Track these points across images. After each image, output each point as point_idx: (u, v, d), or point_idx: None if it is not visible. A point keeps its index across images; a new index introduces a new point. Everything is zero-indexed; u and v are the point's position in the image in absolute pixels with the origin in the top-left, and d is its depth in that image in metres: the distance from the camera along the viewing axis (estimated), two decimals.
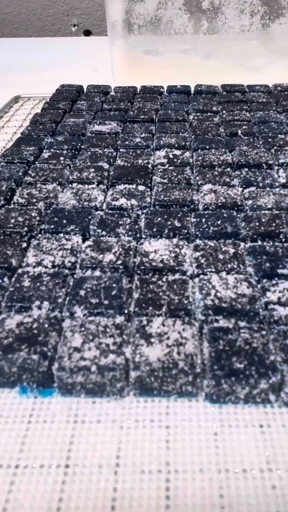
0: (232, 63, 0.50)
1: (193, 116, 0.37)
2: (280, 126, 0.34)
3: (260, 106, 0.38)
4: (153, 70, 0.50)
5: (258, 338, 0.16)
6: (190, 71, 0.49)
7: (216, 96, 0.41)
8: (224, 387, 0.15)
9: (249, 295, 0.18)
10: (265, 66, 0.50)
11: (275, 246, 0.21)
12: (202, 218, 0.23)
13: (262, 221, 0.23)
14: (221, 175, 0.27)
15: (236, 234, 0.22)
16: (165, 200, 0.25)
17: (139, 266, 0.20)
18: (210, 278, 0.19)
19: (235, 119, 0.36)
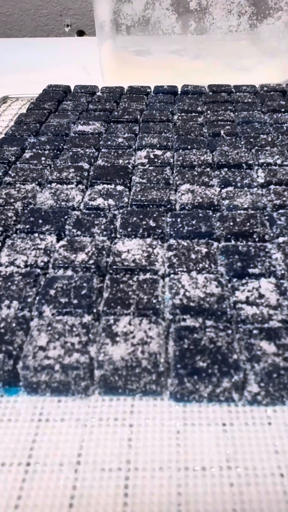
0: (220, 63, 0.50)
1: (178, 116, 0.37)
2: (263, 126, 0.34)
3: (245, 107, 0.38)
4: (142, 70, 0.50)
5: (224, 337, 0.16)
6: (179, 72, 0.49)
7: (202, 96, 0.41)
8: (187, 386, 0.15)
9: (217, 295, 0.18)
10: (254, 67, 0.50)
11: (248, 246, 0.21)
12: (178, 218, 0.23)
13: (237, 221, 0.23)
14: (200, 175, 0.27)
15: (210, 234, 0.22)
16: (142, 200, 0.25)
17: (111, 266, 0.20)
18: (180, 277, 0.19)
19: (219, 119, 0.36)
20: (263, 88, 0.43)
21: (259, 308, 0.18)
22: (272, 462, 0.14)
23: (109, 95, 0.41)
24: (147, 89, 0.43)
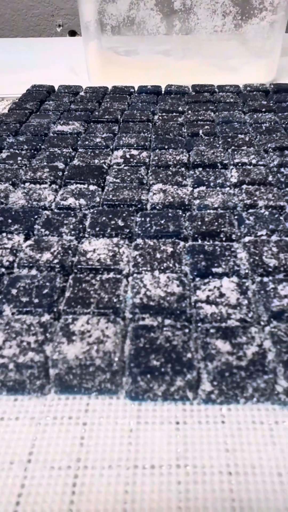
0: (207, 63, 0.50)
1: (158, 116, 0.37)
2: (242, 126, 0.34)
3: (227, 106, 0.38)
4: (129, 70, 0.50)
5: (180, 336, 0.16)
6: (165, 72, 0.49)
7: (185, 96, 0.41)
8: (141, 385, 0.15)
9: (178, 294, 0.18)
10: (240, 67, 0.50)
11: (214, 245, 0.21)
12: (147, 217, 0.23)
13: (205, 221, 0.23)
14: (175, 175, 0.27)
15: (178, 233, 0.22)
16: (113, 200, 0.25)
17: (76, 265, 0.20)
18: (143, 277, 0.19)
19: (199, 119, 0.36)
20: (246, 88, 0.43)
21: (218, 307, 0.18)
22: (222, 460, 0.14)
23: (92, 95, 0.42)
24: (131, 89, 0.43)
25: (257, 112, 0.37)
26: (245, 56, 0.50)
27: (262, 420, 0.15)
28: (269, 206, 0.24)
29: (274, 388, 0.15)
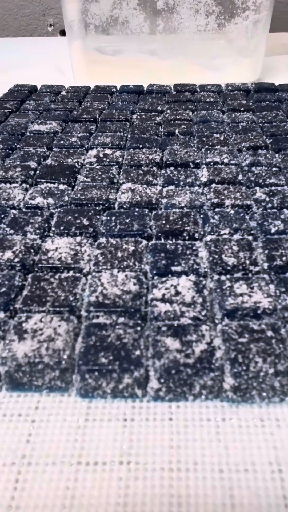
0: (191, 62, 0.50)
1: (137, 115, 0.37)
2: (219, 126, 0.34)
3: (206, 106, 0.38)
4: (113, 69, 0.50)
5: (131, 334, 0.17)
6: (150, 71, 0.49)
7: (166, 95, 0.42)
8: (90, 382, 0.16)
9: (134, 292, 0.18)
10: (225, 66, 0.50)
11: (176, 244, 0.21)
12: (112, 216, 0.23)
13: (170, 219, 0.23)
14: (146, 174, 0.27)
15: (141, 232, 0.22)
16: (81, 199, 0.25)
17: (37, 264, 0.20)
18: (101, 275, 0.19)
19: (177, 118, 0.36)
20: (228, 87, 0.43)
21: (173, 306, 0.18)
22: (165, 457, 0.14)
23: (73, 95, 0.42)
24: (112, 88, 0.43)
25: (235, 112, 0.37)
26: (229, 55, 0.50)
27: (210, 417, 0.15)
28: (235, 205, 0.24)
29: (222, 385, 0.15)
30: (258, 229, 0.22)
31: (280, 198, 0.25)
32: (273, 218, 0.23)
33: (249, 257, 0.20)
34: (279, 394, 0.15)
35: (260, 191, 0.25)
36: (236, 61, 0.50)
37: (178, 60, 0.50)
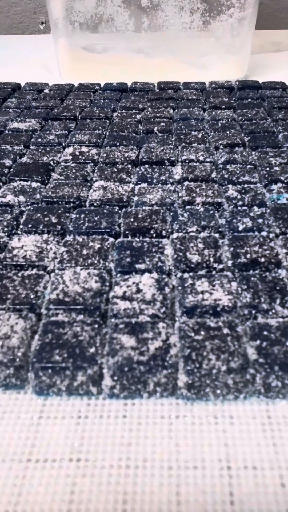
0: (177, 60, 0.50)
1: (117, 113, 0.37)
2: (199, 123, 0.34)
3: (188, 103, 0.38)
4: (100, 67, 0.50)
5: (88, 332, 0.16)
6: (136, 69, 0.49)
7: (149, 93, 0.41)
8: (44, 379, 0.16)
9: (95, 290, 0.18)
10: (210, 63, 0.50)
11: (143, 242, 0.21)
12: (82, 214, 0.23)
13: (138, 217, 0.23)
14: (120, 172, 0.27)
15: (109, 230, 0.22)
16: (52, 197, 0.25)
17: (2, 262, 0.20)
18: (63, 273, 0.19)
19: (157, 116, 0.36)
20: (212, 84, 0.43)
21: (132, 303, 0.18)
22: (115, 454, 0.14)
23: (56, 93, 0.42)
24: (96, 86, 0.43)
25: (216, 109, 0.37)
26: (215, 53, 0.50)
27: (164, 415, 0.15)
28: (206, 203, 0.24)
29: (176, 383, 0.15)
30: (226, 227, 0.22)
31: (251, 195, 0.25)
32: (242, 216, 0.23)
33: (213, 254, 0.20)
34: (233, 391, 0.15)
35: (232, 188, 0.25)
36: (222, 58, 0.50)
37: (164, 58, 0.50)
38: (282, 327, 0.17)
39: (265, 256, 0.20)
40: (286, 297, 0.18)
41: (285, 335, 0.16)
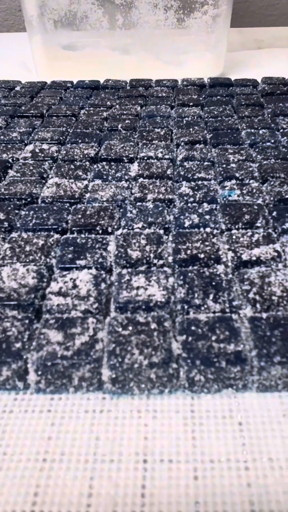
0: (152, 58, 0.50)
1: (85, 110, 0.37)
2: (164, 120, 0.34)
3: (157, 101, 0.38)
4: (75, 65, 0.50)
5: (18, 327, 0.17)
6: (112, 66, 0.49)
7: (120, 90, 0.41)
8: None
9: (31, 286, 0.18)
10: (186, 61, 0.50)
11: (87, 238, 0.21)
12: (31, 211, 0.23)
13: (87, 214, 0.23)
14: (77, 169, 0.27)
15: (56, 227, 0.22)
16: (4, 194, 0.25)
17: None
18: (2, 269, 0.19)
19: (123, 113, 0.36)
20: (184, 82, 0.43)
21: (66, 299, 0.18)
22: (34, 448, 0.14)
23: (27, 90, 0.42)
24: (68, 84, 0.43)
25: (184, 107, 0.37)
26: (190, 50, 0.50)
27: (88, 409, 0.16)
28: (157, 200, 0.24)
29: (101, 377, 0.16)
30: (173, 223, 0.22)
31: (204, 192, 0.25)
32: (190, 212, 0.23)
33: (155, 250, 0.20)
34: (158, 386, 0.16)
35: (185, 185, 0.25)
36: (198, 56, 0.50)
37: (140, 56, 0.50)
38: (211, 322, 0.17)
39: (206, 252, 0.20)
40: (220, 293, 0.18)
41: (212, 330, 0.16)
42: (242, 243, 0.21)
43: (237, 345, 0.16)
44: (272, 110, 0.35)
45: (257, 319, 0.17)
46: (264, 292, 0.18)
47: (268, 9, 0.85)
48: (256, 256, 0.20)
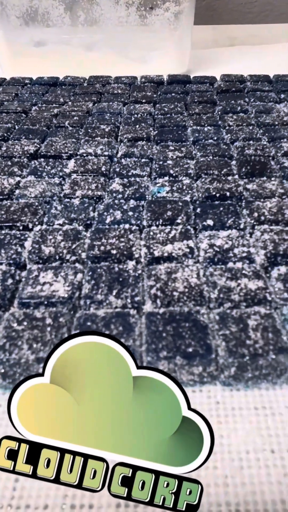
0: (116, 54, 0.50)
1: (37, 107, 0.37)
2: (112, 117, 0.34)
3: (111, 97, 0.38)
4: (40, 61, 0.50)
5: None
6: (76, 63, 0.49)
7: (77, 87, 0.41)
8: None
9: None
10: (150, 58, 0.50)
11: (6, 234, 0.21)
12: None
13: (10, 210, 0.23)
14: (13, 165, 0.27)
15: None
16: None
17: None
18: None
19: (74, 110, 0.36)
20: (142, 79, 0.43)
21: None
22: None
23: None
24: (26, 80, 0.43)
25: (137, 103, 0.37)
26: (154, 47, 0.50)
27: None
28: (85, 196, 0.24)
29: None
30: (96, 219, 0.22)
31: (134, 189, 0.25)
32: (115, 209, 0.23)
33: (69, 246, 0.20)
34: None
35: (117, 182, 0.26)
36: (163, 53, 0.50)
37: (103, 52, 0.49)
38: (108, 318, 0.17)
39: (119, 248, 0.20)
40: (124, 288, 0.18)
41: (107, 326, 0.16)
42: (158, 239, 0.21)
43: (127, 340, 0.16)
44: (223, 108, 0.36)
45: (153, 314, 0.17)
46: (167, 288, 0.18)
47: (246, 6, 0.85)
48: (168, 252, 0.20)
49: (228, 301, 0.17)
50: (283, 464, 0.14)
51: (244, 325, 0.16)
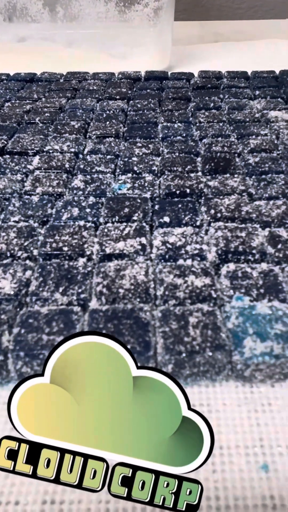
0: (96, 50, 0.49)
1: (10, 103, 0.37)
2: (84, 114, 0.34)
3: (86, 94, 0.38)
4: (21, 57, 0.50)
5: None
6: (55, 59, 0.49)
7: (53, 83, 0.41)
8: None
9: None
10: (131, 54, 0.50)
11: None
12: None
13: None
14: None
15: None
16: None
17: None
18: None
19: (47, 106, 0.36)
20: (119, 75, 0.43)
21: None
22: None
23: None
24: (2, 76, 0.43)
25: (110, 100, 0.37)
26: (135, 43, 0.49)
27: None
28: (45, 193, 0.24)
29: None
30: (53, 216, 0.22)
31: (95, 185, 0.25)
32: (73, 206, 0.23)
33: (22, 243, 0.20)
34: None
35: (79, 178, 0.25)
36: (143, 49, 0.50)
37: (82, 48, 0.49)
38: (50, 315, 0.17)
39: (71, 245, 0.20)
40: (71, 286, 0.18)
41: (48, 323, 0.16)
42: (111, 236, 0.21)
43: None
44: (196, 104, 0.35)
45: (96, 311, 0.17)
46: (114, 285, 0.18)
47: (235, 2, 0.85)
48: (119, 249, 0.20)
49: (173, 298, 0.17)
50: (230, 460, 0.14)
51: (185, 322, 0.16)
